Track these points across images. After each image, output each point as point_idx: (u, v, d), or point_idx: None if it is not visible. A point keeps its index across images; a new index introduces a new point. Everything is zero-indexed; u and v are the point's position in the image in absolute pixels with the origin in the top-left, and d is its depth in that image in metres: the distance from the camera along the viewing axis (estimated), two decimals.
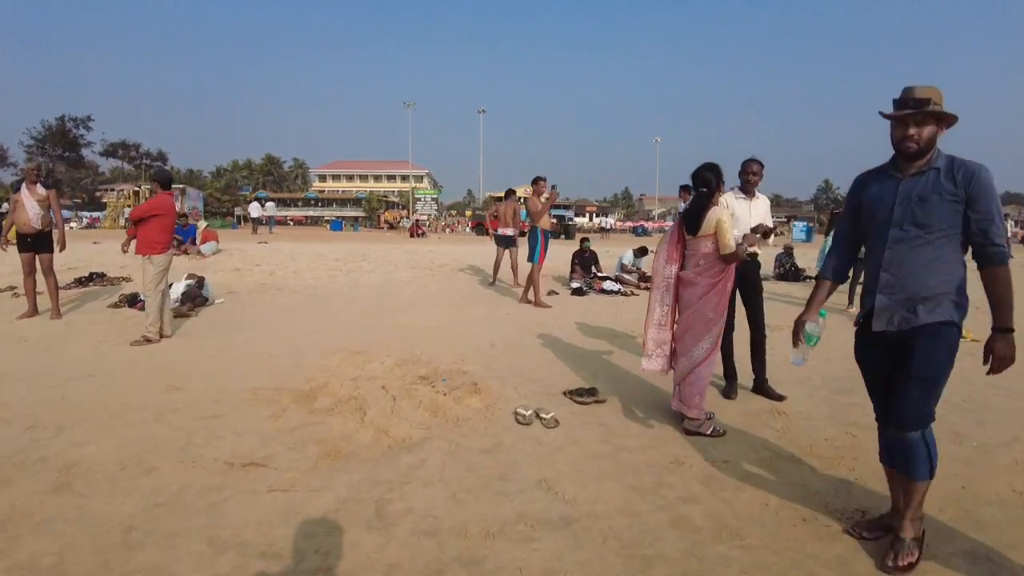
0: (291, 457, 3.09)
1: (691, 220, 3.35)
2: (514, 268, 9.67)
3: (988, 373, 2.11)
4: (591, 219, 45.39)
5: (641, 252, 10.78)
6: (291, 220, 55.80)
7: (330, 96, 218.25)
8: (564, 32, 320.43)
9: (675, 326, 3.58)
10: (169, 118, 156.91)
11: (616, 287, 9.30)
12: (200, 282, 7.98)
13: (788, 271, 11.76)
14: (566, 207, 46.55)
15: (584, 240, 10.98)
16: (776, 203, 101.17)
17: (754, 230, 3.89)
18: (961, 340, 2.18)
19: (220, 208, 57.23)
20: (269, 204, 32.88)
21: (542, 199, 7.86)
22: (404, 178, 68.46)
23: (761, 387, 4.18)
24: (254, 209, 28.86)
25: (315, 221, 51.06)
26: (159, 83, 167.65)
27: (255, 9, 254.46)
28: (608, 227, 38.04)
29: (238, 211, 40.02)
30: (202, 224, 13.20)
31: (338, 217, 48.19)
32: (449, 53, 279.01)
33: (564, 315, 7.20)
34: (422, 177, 77.66)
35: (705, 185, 3.31)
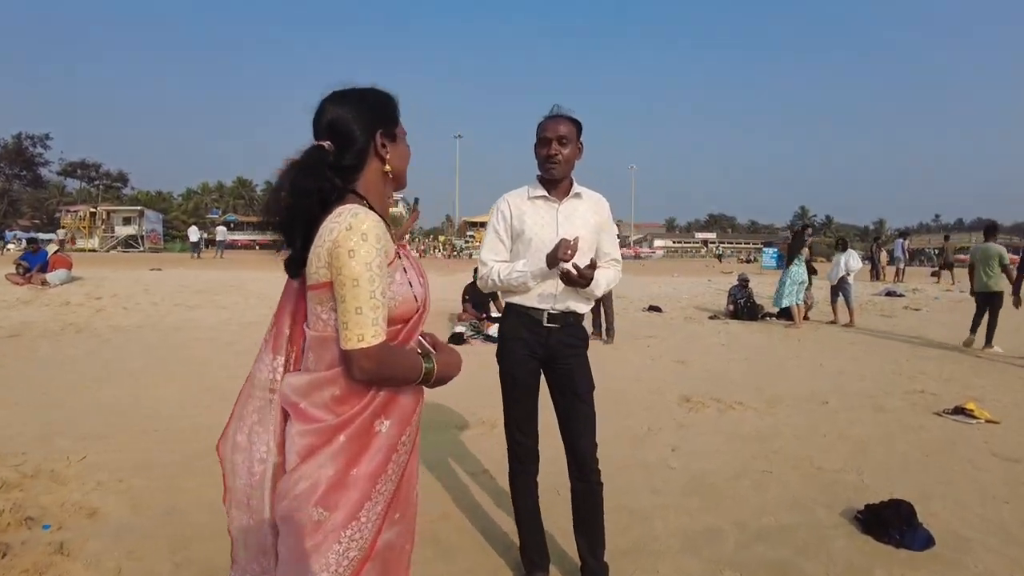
0: None
1: (288, 232, 1.34)
2: None
3: None
4: None
5: None
6: (257, 244, 54.36)
7: (307, 119, 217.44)
8: (540, 60, 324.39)
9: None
10: (136, 138, 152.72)
11: None
12: None
13: (743, 308, 9.77)
14: None
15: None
16: (752, 230, 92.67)
17: (553, 256, 1.96)
18: (975, 422, 1.11)
19: (184, 232, 55.35)
20: (219, 228, 31.62)
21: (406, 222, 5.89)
22: None
23: None
24: (192, 233, 28.04)
25: (283, 245, 49.40)
26: (125, 101, 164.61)
27: (228, 29, 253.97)
28: None
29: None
30: (52, 248, 11.12)
31: None
32: (428, 77, 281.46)
33: None
34: (397, 202, 75.92)
35: (338, 133, 1.31)
